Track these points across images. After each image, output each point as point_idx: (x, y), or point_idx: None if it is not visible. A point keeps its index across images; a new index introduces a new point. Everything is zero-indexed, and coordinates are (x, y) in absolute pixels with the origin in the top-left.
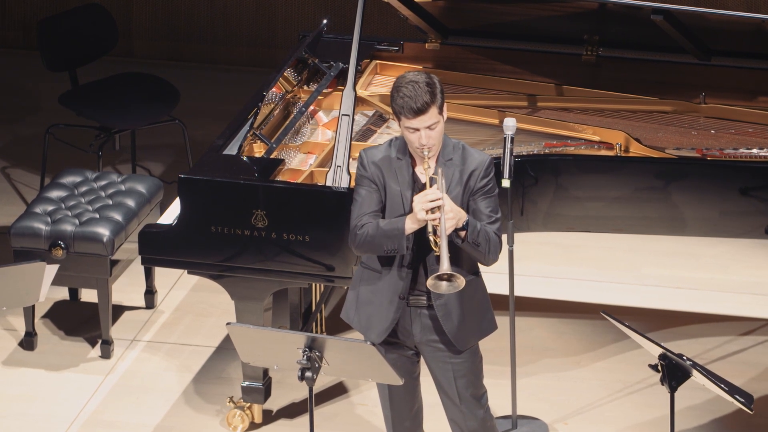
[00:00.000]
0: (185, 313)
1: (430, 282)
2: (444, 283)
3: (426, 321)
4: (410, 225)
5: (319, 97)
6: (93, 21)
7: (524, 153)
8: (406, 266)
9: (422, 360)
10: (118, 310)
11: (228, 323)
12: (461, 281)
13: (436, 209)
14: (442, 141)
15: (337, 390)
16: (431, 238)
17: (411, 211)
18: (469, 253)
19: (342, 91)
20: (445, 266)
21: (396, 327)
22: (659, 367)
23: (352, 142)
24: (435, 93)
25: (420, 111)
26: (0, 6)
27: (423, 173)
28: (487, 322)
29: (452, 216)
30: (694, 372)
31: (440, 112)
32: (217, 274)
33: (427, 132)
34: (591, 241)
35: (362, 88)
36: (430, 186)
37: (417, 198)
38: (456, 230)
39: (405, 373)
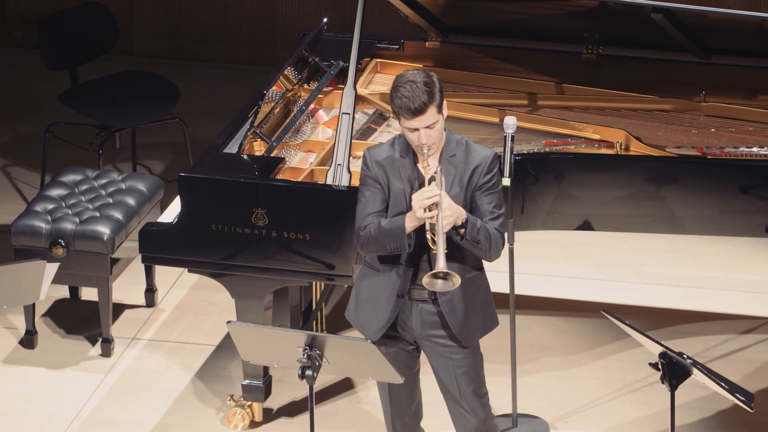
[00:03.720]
0: (185, 311)
1: (425, 280)
2: (440, 281)
3: (428, 316)
4: (410, 223)
5: (320, 96)
6: (93, 19)
7: (524, 151)
8: (405, 264)
9: (422, 356)
10: (119, 309)
11: (228, 321)
12: (457, 279)
13: (434, 207)
14: (445, 137)
15: (338, 388)
16: (428, 236)
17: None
18: (470, 251)
19: (342, 89)
20: (440, 264)
21: (396, 321)
22: (659, 366)
23: (353, 141)
24: (433, 93)
25: (418, 111)
26: (0, 4)
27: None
28: (490, 317)
29: (450, 214)
30: (695, 370)
31: (439, 111)
32: (218, 273)
33: (426, 131)
34: (591, 239)
35: (362, 86)
36: (429, 184)
37: (415, 196)
38: (455, 228)
39: (404, 367)
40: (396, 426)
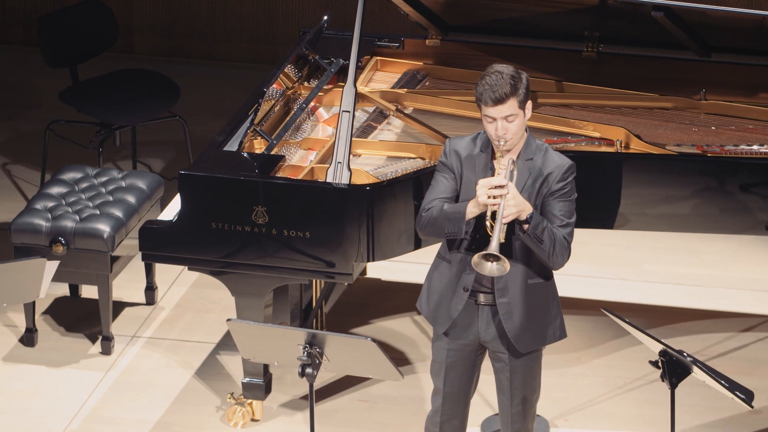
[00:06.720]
0: (186, 309)
1: (475, 259)
2: (488, 263)
3: (491, 319)
4: (471, 209)
5: (320, 94)
6: (93, 17)
7: None
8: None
9: (481, 368)
10: (119, 307)
11: (228, 319)
12: (506, 265)
13: (499, 196)
14: (526, 140)
15: (338, 386)
16: (488, 222)
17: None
18: (533, 251)
19: (342, 87)
20: (493, 246)
21: (463, 321)
22: (660, 364)
23: (353, 139)
24: (517, 86)
25: (498, 100)
26: (1, 2)
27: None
28: (553, 329)
29: (513, 204)
30: (695, 368)
31: (521, 106)
32: (218, 271)
33: (503, 123)
34: (591, 237)
35: (363, 84)
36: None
37: (481, 182)
38: (519, 222)
39: (464, 368)
40: (445, 429)
